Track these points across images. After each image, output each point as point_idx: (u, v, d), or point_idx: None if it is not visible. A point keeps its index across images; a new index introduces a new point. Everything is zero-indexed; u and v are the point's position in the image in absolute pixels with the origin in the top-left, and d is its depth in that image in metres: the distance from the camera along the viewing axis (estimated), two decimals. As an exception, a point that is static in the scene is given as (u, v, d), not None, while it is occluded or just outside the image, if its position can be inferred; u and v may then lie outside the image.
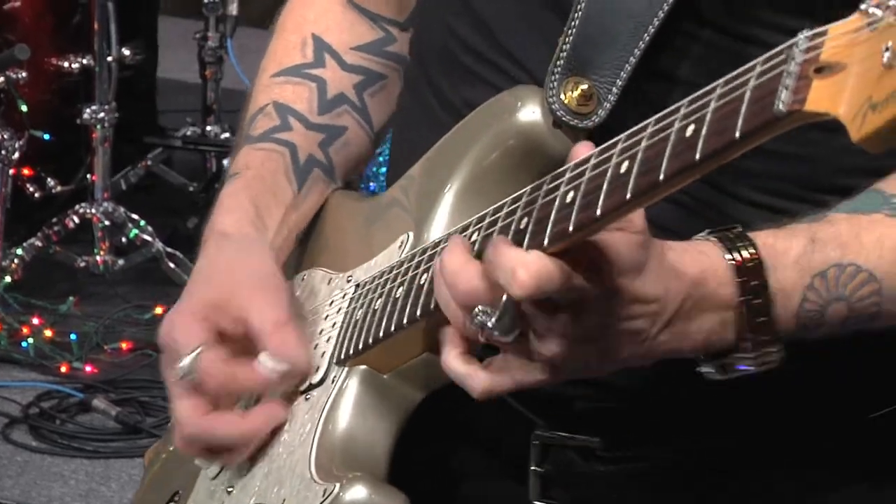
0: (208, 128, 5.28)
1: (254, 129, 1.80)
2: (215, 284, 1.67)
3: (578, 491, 1.71)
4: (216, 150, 5.25)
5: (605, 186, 1.35)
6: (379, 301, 1.63)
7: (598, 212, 1.33)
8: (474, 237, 1.52)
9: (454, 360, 1.47)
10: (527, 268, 1.37)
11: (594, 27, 1.58)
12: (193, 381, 1.63)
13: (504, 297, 1.41)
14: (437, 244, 1.60)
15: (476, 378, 1.46)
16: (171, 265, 4.67)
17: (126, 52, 4.70)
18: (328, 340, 1.69)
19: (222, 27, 5.12)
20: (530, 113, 1.60)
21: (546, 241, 1.40)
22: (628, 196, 1.32)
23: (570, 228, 1.39)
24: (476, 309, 1.41)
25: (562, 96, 1.57)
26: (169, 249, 4.71)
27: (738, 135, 1.24)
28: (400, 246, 1.67)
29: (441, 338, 1.48)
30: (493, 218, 1.53)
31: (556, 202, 1.41)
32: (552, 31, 1.62)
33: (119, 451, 4.02)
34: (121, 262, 4.65)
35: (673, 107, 1.33)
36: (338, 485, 1.57)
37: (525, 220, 1.46)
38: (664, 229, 1.52)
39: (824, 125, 1.36)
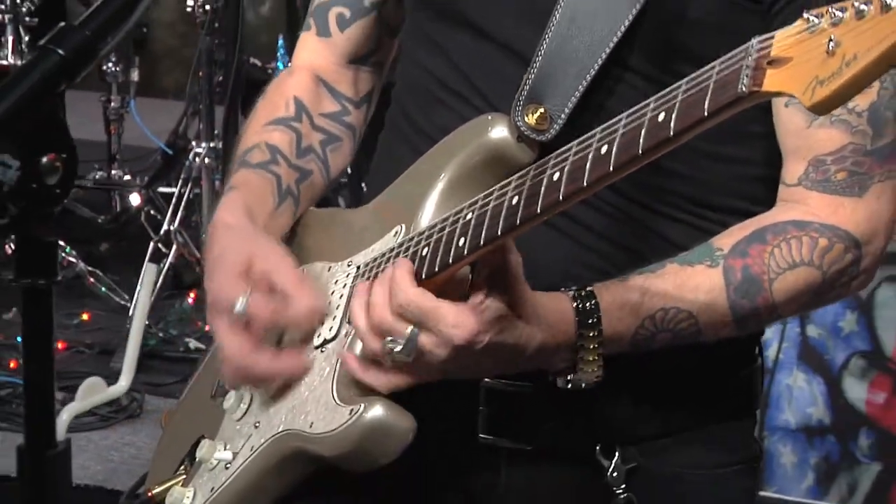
0: (113, 172, 6.05)
1: (251, 158, 2.05)
2: (237, 253, 1.89)
3: (516, 426, 1.96)
4: (119, 189, 5.97)
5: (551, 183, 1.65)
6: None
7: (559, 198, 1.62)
8: (424, 252, 1.77)
9: (360, 370, 1.77)
10: (458, 323, 1.69)
11: (549, 68, 1.84)
12: (244, 319, 1.84)
13: (409, 331, 1.71)
14: (426, 230, 1.80)
15: (385, 379, 1.76)
16: (91, 280, 5.34)
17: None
18: (338, 307, 1.91)
19: (123, 91, 5.93)
20: (500, 131, 1.84)
21: (498, 232, 1.68)
22: (637, 153, 1.56)
23: (500, 231, 1.68)
24: (387, 343, 1.72)
25: (525, 118, 1.82)
26: (89, 268, 5.39)
27: (706, 113, 1.50)
28: (395, 235, 1.90)
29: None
30: (437, 234, 1.77)
31: (507, 203, 1.69)
32: (513, 71, 1.87)
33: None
34: (52, 278, 5.36)
35: (636, 107, 1.58)
36: (362, 405, 1.78)
37: (485, 210, 1.72)
38: (598, 234, 1.86)
39: (724, 159, 1.85)
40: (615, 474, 1.91)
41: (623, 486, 1.91)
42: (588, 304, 1.78)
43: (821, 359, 4.04)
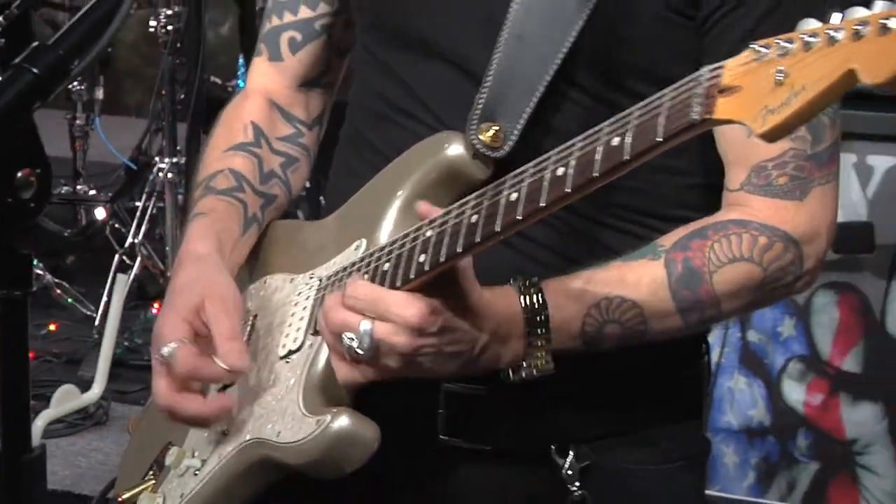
0: (78, 187, 6.18)
1: (216, 184, 2.06)
2: (195, 293, 1.91)
3: (474, 426, 1.98)
4: (85, 203, 6.10)
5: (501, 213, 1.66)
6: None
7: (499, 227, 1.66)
8: (386, 266, 1.78)
9: (335, 362, 1.79)
10: (399, 309, 1.72)
11: (501, 87, 1.86)
12: (170, 365, 1.85)
13: (362, 325, 1.73)
14: (386, 245, 1.82)
15: (350, 374, 1.79)
16: (58, 291, 5.50)
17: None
18: (301, 319, 1.94)
19: (88, 109, 6.06)
20: (457, 148, 1.88)
21: (459, 249, 1.70)
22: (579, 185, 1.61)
23: (461, 249, 1.70)
24: (345, 338, 1.74)
25: (480, 136, 1.85)
26: (56, 280, 5.53)
27: (661, 138, 1.53)
28: (356, 249, 1.93)
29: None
30: (398, 250, 1.78)
31: (466, 221, 1.71)
32: (464, 90, 1.90)
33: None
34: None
35: (591, 131, 1.62)
36: (328, 416, 1.81)
37: (444, 229, 1.74)
38: (549, 248, 1.89)
39: (664, 169, 1.86)
40: (570, 472, 1.94)
41: (577, 483, 1.95)
42: (533, 293, 1.80)
43: (760, 363, 4.06)
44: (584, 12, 1.81)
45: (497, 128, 1.84)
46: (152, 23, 5.62)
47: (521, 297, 1.79)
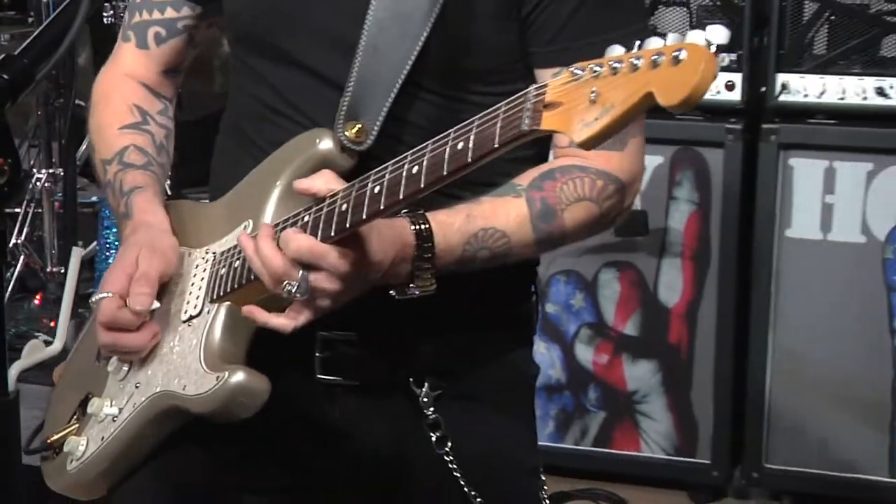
0: None
1: (130, 159, 2.10)
2: (137, 247, 1.98)
3: (345, 366, 2.06)
4: None
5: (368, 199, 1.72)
6: (237, 262, 1.93)
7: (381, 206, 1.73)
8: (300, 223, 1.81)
9: (266, 316, 1.86)
10: (312, 252, 1.77)
11: (361, 91, 1.91)
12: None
13: (300, 273, 1.78)
14: (279, 223, 1.86)
15: (293, 321, 1.84)
16: None
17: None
18: (200, 288, 1.98)
19: None
20: (327, 143, 1.93)
21: (332, 234, 1.78)
22: (401, 196, 1.71)
23: (348, 225, 1.76)
24: (285, 286, 1.79)
25: (346, 133, 1.90)
26: None
27: (497, 145, 1.62)
28: (244, 228, 1.95)
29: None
30: (303, 215, 1.83)
31: (337, 209, 1.78)
32: (329, 95, 1.94)
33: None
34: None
35: (439, 137, 1.70)
36: (226, 372, 1.87)
37: (319, 216, 1.79)
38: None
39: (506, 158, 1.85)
40: (425, 400, 2.05)
41: (432, 408, 2.06)
42: (421, 223, 1.88)
43: (557, 330, 4.31)
44: (427, 25, 1.90)
45: (360, 125, 1.91)
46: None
47: (412, 227, 1.87)
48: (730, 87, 4.11)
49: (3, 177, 1.78)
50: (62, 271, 5.03)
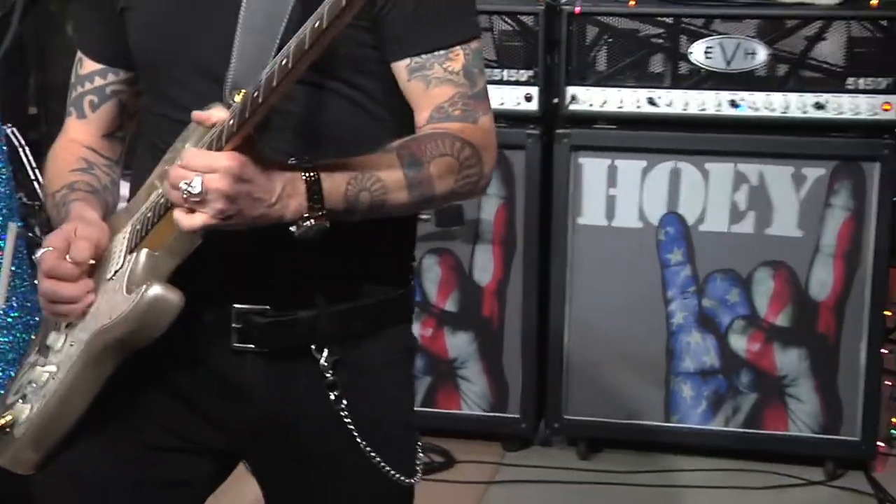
0: None
1: (78, 186, 2.18)
2: (74, 221, 2.08)
3: (257, 335, 2.13)
4: None
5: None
6: (149, 213, 2.03)
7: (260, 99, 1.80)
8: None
9: (178, 214, 1.89)
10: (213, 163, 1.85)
11: (240, 71, 2.03)
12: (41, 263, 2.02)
13: (195, 176, 1.85)
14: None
15: (191, 220, 1.88)
16: None
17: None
18: (121, 250, 2.04)
19: None
20: (220, 110, 1.98)
21: (223, 144, 1.87)
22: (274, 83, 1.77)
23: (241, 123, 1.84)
24: (182, 184, 1.85)
25: (234, 100, 1.96)
26: None
27: (343, 3, 1.70)
28: (157, 195, 2.04)
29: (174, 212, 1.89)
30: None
31: (226, 127, 1.88)
32: (216, 91, 2.05)
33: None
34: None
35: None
36: (143, 287, 1.95)
37: (213, 138, 1.91)
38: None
39: (373, 117, 2.12)
40: (325, 363, 2.13)
41: (331, 371, 2.14)
42: (307, 164, 1.94)
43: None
44: (288, 9, 2.00)
45: (245, 91, 1.92)
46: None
47: (295, 163, 1.94)
48: (528, 98, 4.44)
49: None
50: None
